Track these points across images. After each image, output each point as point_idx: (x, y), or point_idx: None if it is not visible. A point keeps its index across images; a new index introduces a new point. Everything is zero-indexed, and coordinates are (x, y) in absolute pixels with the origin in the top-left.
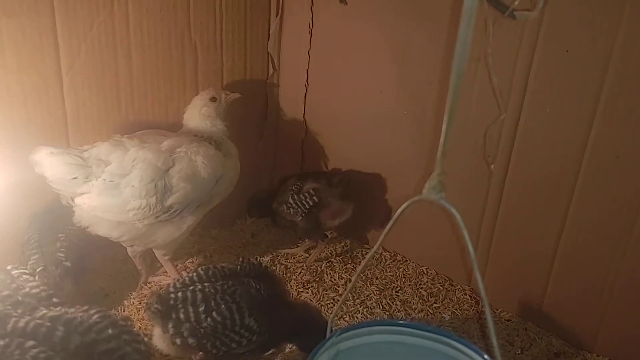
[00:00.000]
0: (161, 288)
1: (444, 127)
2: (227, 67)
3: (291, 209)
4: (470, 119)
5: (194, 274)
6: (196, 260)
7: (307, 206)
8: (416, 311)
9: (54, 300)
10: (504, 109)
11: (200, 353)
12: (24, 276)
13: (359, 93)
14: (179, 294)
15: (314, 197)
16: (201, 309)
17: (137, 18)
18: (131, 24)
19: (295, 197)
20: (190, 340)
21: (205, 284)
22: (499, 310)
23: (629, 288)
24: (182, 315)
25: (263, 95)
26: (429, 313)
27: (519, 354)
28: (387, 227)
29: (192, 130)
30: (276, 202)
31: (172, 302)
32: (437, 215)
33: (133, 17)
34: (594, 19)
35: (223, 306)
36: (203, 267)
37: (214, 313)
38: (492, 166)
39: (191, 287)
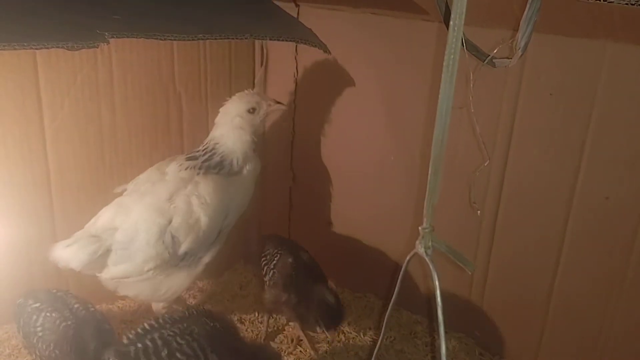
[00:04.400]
0: None
1: (429, 178)
2: (212, 118)
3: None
4: (457, 166)
5: (145, 324)
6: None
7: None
8: None
9: None
10: (488, 155)
11: None
12: None
13: (346, 141)
14: (139, 345)
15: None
16: (164, 353)
17: (121, 71)
18: (115, 77)
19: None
20: None
21: (162, 330)
22: (496, 356)
23: (627, 328)
24: None
25: None
26: None
27: None
28: (397, 286)
29: (214, 139)
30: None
31: (132, 354)
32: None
33: (117, 70)
34: (576, 61)
35: (185, 345)
36: (152, 317)
37: (177, 354)
38: (479, 212)
39: (148, 336)
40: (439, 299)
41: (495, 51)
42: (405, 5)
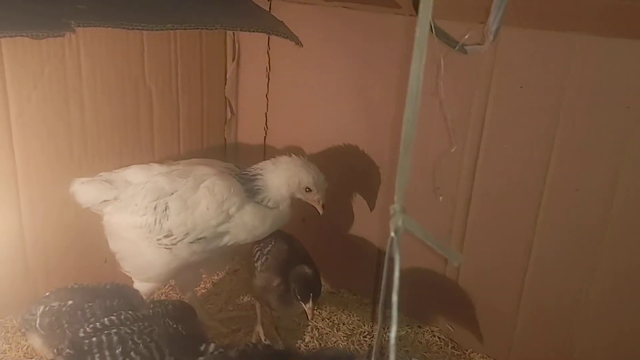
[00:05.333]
0: None
1: (400, 157)
2: (183, 113)
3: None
4: (429, 156)
5: (106, 319)
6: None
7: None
8: (385, 356)
9: None
10: (458, 142)
11: None
12: None
13: (318, 134)
14: (93, 339)
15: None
16: (118, 351)
17: (90, 65)
18: (83, 71)
19: None
20: None
21: (121, 327)
22: (469, 351)
23: (598, 319)
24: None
25: (221, 140)
26: (398, 357)
27: None
28: (383, 279)
29: (264, 179)
30: None
31: (86, 347)
32: (404, 258)
33: (85, 64)
34: (546, 54)
35: (141, 345)
36: (114, 313)
37: (132, 353)
38: (441, 198)
39: (105, 331)
40: (397, 283)
41: (466, 37)
42: None
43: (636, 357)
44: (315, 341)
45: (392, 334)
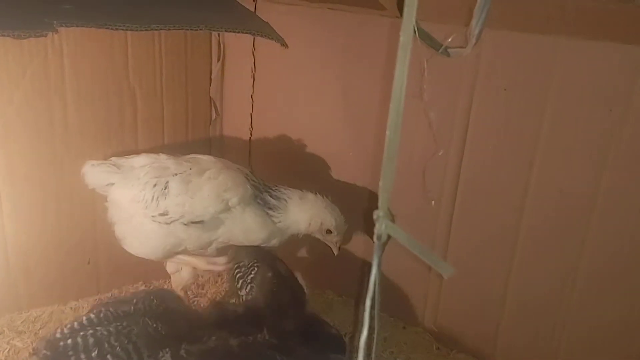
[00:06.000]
0: None
1: (383, 162)
2: (168, 113)
3: None
4: (414, 158)
5: (84, 318)
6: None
7: None
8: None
9: None
10: (442, 145)
11: None
12: None
13: (303, 135)
14: (69, 341)
15: None
16: (94, 353)
17: (73, 65)
18: (66, 71)
19: None
20: None
21: (98, 328)
22: (453, 350)
23: (581, 320)
24: None
25: (206, 140)
26: (382, 358)
27: None
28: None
29: (283, 199)
30: None
31: (61, 349)
32: (388, 259)
33: (68, 64)
34: (530, 57)
35: (118, 348)
36: (94, 310)
37: (108, 356)
38: (433, 202)
39: (82, 333)
40: (372, 288)
41: (449, 40)
42: (361, 1)
43: (622, 345)
44: None
45: (362, 337)
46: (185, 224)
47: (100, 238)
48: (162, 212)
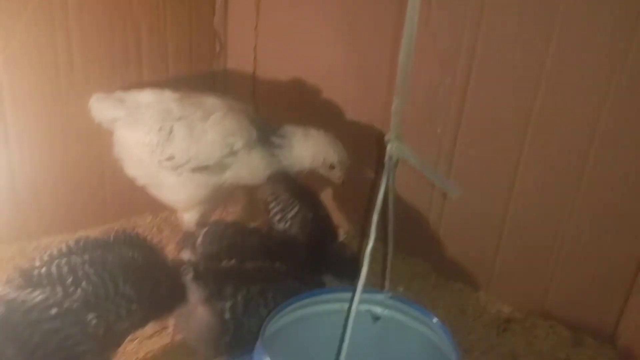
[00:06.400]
0: None
1: (397, 83)
2: (171, 46)
3: None
4: (420, 86)
5: (63, 245)
6: None
7: None
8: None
9: None
10: (448, 73)
11: None
12: None
13: (309, 69)
14: (43, 270)
15: None
16: (69, 281)
17: None
18: (70, 3)
19: None
20: None
21: (72, 256)
22: (450, 281)
23: (575, 248)
24: (48, 292)
25: (210, 74)
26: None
27: (471, 321)
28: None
29: (286, 137)
30: None
31: (35, 278)
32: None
33: None
34: None
35: (93, 274)
36: (73, 239)
37: (83, 282)
38: (439, 130)
39: (56, 261)
40: (382, 204)
41: None
42: None
43: (609, 292)
44: None
45: (368, 247)
46: (193, 169)
47: (108, 170)
48: (169, 157)
